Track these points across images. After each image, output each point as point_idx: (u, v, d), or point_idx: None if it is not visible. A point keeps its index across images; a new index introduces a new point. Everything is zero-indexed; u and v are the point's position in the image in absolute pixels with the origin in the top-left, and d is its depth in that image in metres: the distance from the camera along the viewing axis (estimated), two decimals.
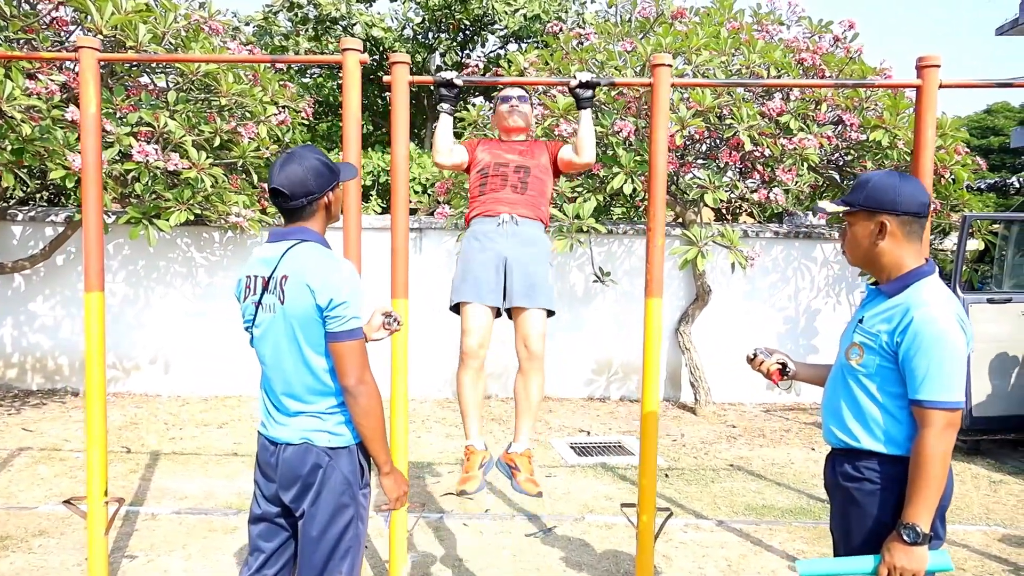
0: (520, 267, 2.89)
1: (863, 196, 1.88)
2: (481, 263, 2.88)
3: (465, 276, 2.91)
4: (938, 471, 1.72)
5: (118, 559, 3.41)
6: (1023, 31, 14.06)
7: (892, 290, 1.87)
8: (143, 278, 7.11)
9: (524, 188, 2.96)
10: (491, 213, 2.94)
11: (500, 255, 2.89)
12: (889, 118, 5.83)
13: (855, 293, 7.52)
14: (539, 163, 3.03)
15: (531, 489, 2.87)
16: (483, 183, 3.00)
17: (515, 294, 2.88)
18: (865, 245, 1.89)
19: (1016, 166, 21.64)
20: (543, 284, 2.93)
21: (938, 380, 1.73)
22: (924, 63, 2.83)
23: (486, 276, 2.87)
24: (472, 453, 2.91)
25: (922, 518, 1.73)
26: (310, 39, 11.80)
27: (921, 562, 1.74)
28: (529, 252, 2.92)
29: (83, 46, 2.90)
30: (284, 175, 1.90)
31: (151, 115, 5.62)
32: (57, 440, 5.43)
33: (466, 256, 2.95)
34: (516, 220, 2.91)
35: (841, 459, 1.93)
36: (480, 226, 2.96)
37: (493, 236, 2.91)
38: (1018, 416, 5.33)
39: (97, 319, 2.95)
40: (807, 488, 4.80)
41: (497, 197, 2.95)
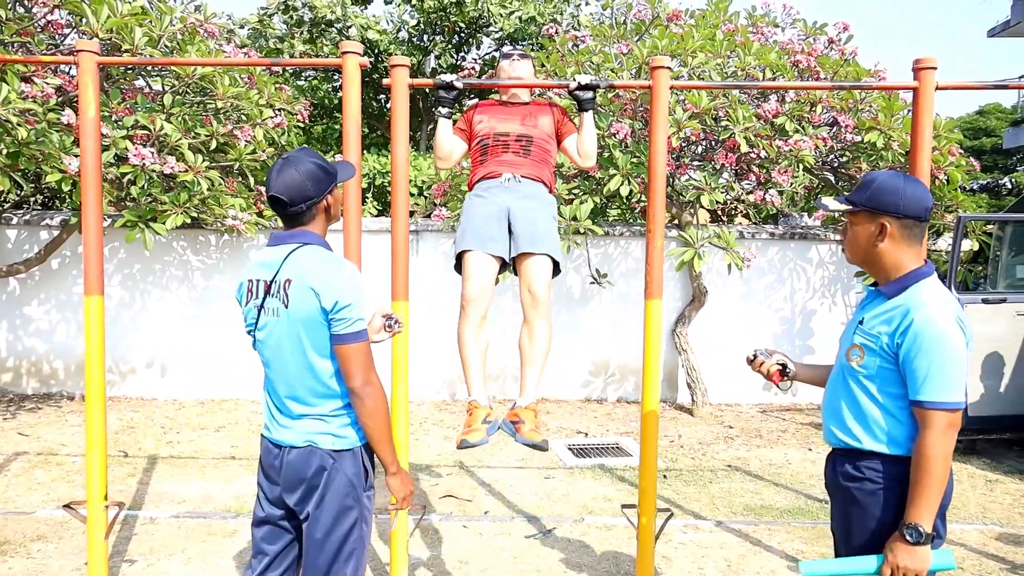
0: (524, 215, 2.86)
1: (866, 196, 1.88)
2: (484, 215, 2.87)
3: (467, 227, 2.89)
4: (940, 471, 1.74)
5: (117, 563, 3.40)
6: (1015, 33, 14.16)
7: (892, 291, 1.87)
8: (139, 281, 7.09)
9: (527, 154, 2.95)
10: (494, 175, 2.93)
11: (503, 206, 2.87)
12: (884, 119, 5.86)
13: (851, 294, 7.56)
14: (541, 132, 2.99)
15: (535, 437, 2.73)
16: (484, 153, 2.99)
17: (519, 240, 2.84)
18: (865, 245, 1.90)
19: (1008, 167, 21.78)
20: (548, 232, 2.89)
21: (939, 381, 1.74)
22: (921, 65, 2.86)
23: (487, 225, 2.84)
24: (475, 408, 2.81)
25: (925, 518, 1.73)
26: (305, 42, 11.79)
27: (924, 561, 1.75)
28: (533, 203, 2.90)
29: (82, 49, 2.89)
30: (281, 182, 1.90)
31: (147, 118, 5.61)
32: (54, 444, 5.40)
33: (468, 211, 2.93)
34: (519, 179, 2.90)
35: (842, 459, 1.94)
36: (482, 185, 2.95)
37: (496, 191, 2.90)
38: (1013, 416, 5.36)
39: (97, 323, 2.94)
40: (805, 488, 4.82)
41: (500, 160, 2.93)
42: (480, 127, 3.03)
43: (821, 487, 4.84)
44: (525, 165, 2.94)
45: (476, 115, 3.06)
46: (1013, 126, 15.70)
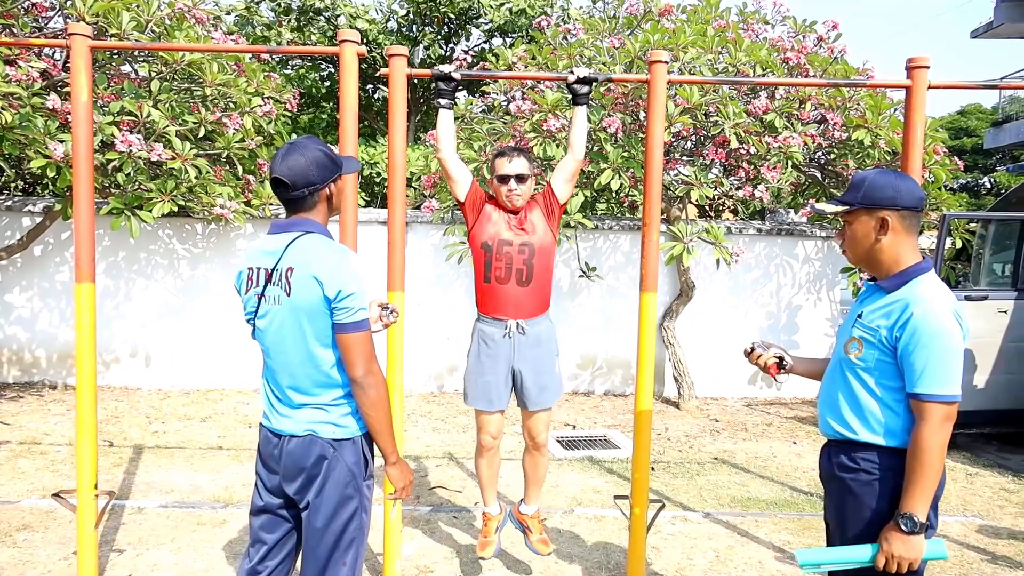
0: (530, 375, 3.04)
1: (861, 195, 1.91)
2: (491, 372, 3.03)
3: (476, 383, 3.06)
4: (935, 462, 1.77)
5: (106, 553, 3.37)
6: (997, 34, 14.35)
7: (891, 286, 1.90)
8: (124, 270, 7.01)
9: (530, 276, 2.97)
10: (499, 316, 3.00)
11: (508, 363, 3.03)
12: (872, 118, 5.92)
13: (835, 290, 7.65)
14: (540, 234, 2.99)
15: (543, 550, 3.20)
16: (487, 265, 2.98)
17: (527, 399, 3.08)
18: (867, 242, 1.92)
19: (987, 167, 22.11)
20: (551, 382, 3.09)
21: (936, 374, 1.77)
22: (914, 64, 2.89)
23: (496, 385, 3.04)
24: (490, 519, 3.24)
25: (919, 508, 1.77)
26: (293, 30, 11.66)
27: (918, 551, 1.78)
28: (536, 354, 3.04)
29: (75, 33, 2.85)
30: (286, 165, 1.88)
31: (134, 104, 5.53)
32: (36, 434, 5.34)
33: (476, 359, 3.07)
34: (522, 328, 2.99)
35: (838, 450, 1.97)
36: (487, 328, 3.04)
37: (501, 345, 3.01)
38: (993, 411, 5.47)
39: (88, 310, 2.91)
40: (790, 481, 4.88)
41: (503, 295, 2.97)
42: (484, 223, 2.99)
43: (806, 480, 4.92)
44: (527, 301, 2.99)
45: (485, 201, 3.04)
46: (994, 127, 15.92)
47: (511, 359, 3.01)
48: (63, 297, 6.94)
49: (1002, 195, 7.02)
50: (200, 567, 3.29)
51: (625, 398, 7.37)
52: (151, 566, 3.29)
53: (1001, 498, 4.62)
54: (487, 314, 3.04)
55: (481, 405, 3.07)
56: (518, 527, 3.29)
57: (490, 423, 3.11)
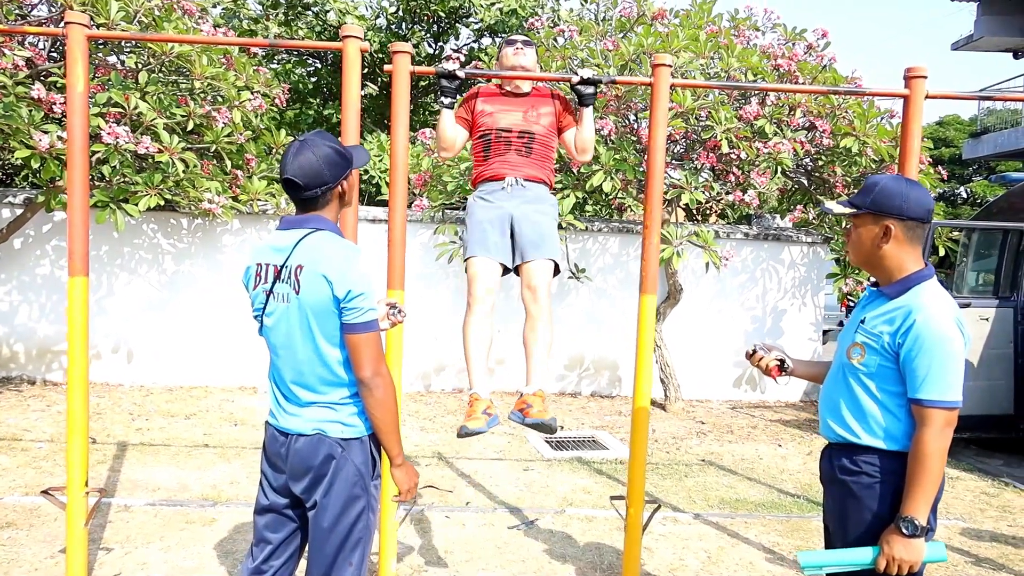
0: (527, 222, 2.94)
1: (870, 199, 1.92)
2: (488, 220, 2.94)
3: (472, 234, 2.96)
4: (936, 467, 1.80)
5: (93, 551, 3.31)
6: (977, 47, 14.62)
7: (894, 292, 1.92)
8: (106, 264, 6.89)
9: (529, 153, 2.99)
10: (496, 177, 2.97)
11: (506, 213, 2.95)
12: (859, 126, 6.01)
13: (820, 295, 7.74)
14: (543, 127, 3.01)
15: (543, 416, 2.78)
16: (486, 149, 3.01)
17: (523, 248, 2.94)
18: (869, 247, 1.94)
19: (964, 177, 22.51)
20: (549, 236, 2.97)
21: (938, 380, 1.79)
22: (912, 74, 2.93)
23: (492, 231, 2.93)
24: (477, 400, 2.84)
25: (920, 511, 1.79)
26: (280, 24, 11.56)
27: (918, 553, 1.81)
28: (535, 208, 2.97)
29: (72, 22, 2.80)
30: (297, 165, 1.86)
31: (121, 96, 5.45)
32: (16, 430, 5.23)
33: (473, 215, 2.99)
34: (522, 183, 2.96)
35: (839, 454, 1.98)
36: (486, 186, 3.00)
37: (499, 196, 2.96)
38: (972, 416, 5.56)
39: (81, 305, 2.87)
40: (776, 483, 4.93)
41: (502, 159, 2.97)
42: (482, 119, 3.02)
43: (792, 482, 4.97)
44: (527, 165, 2.98)
45: (478, 104, 3.04)
46: (972, 138, 16.23)
47: (510, 209, 2.93)
48: (43, 291, 6.81)
49: (982, 205, 7.16)
50: (190, 566, 3.25)
51: (611, 399, 7.40)
52: (140, 565, 3.24)
53: (982, 502, 4.70)
54: (484, 179, 3.00)
55: (476, 251, 2.92)
56: (517, 418, 2.84)
57: (483, 271, 2.90)
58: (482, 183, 3.01)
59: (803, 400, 7.80)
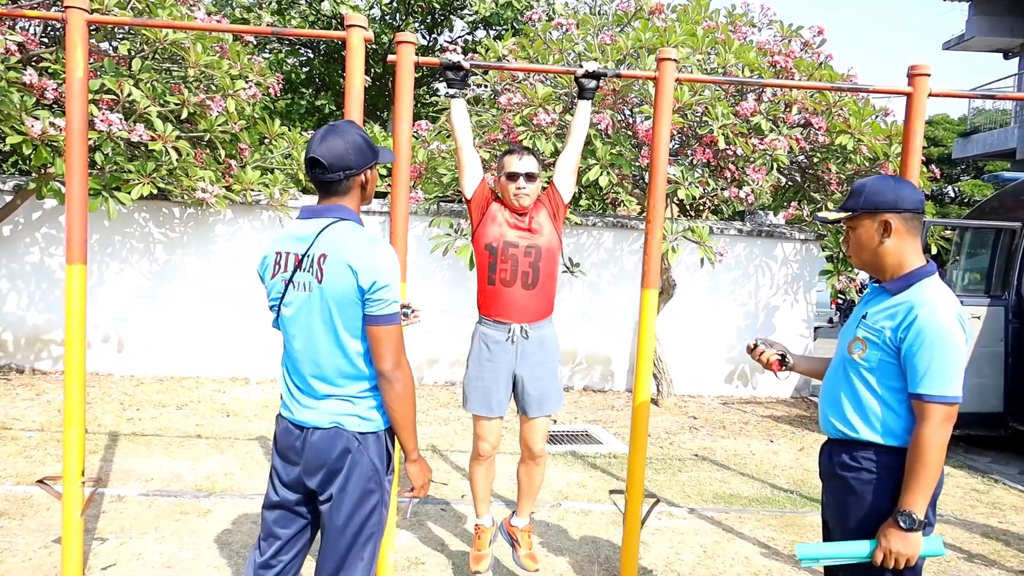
0: (531, 383, 2.97)
1: (862, 200, 1.95)
2: (492, 379, 2.96)
3: (476, 388, 2.99)
4: (935, 461, 1.81)
5: (88, 541, 3.28)
6: (968, 47, 14.72)
7: (896, 288, 1.93)
8: (97, 253, 6.82)
9: (536, 279, 2.93)
10: (502, 320, 2.94)
11: (509, 370, 2.96)
12: (855, 123, 6.03)
13: (812, 292, 7.79)
14: (546, 236, 2.95)
15: (530, 566, 3.13)
16: (491, 265, 2.92)
17: (527, 406, 3.02)
18: (870, 245, 1.96)
19: (952, 176, 22.70)
20: (551, 391, 3.03)
21: (939, 375, 1.80)
22: (916, 72, 2.94)
23: (496, 392, 2.97)
24: (483, 531, 3.17)
25: (918, 506, 1.80)
26: (273, 13, 11.45)
27: (915, 547, 1.82)
28: (538, 360, 2.97)
29: (71, 6, 2.76)
30: (325, 147, 1.84)
31: (115, 83, 5.38)
32: (6, 419, 5.18)
33: (477, 362, 2.99)
34: (526, 333, 2.93)
35: (839, 449, 2.00)
36: (490, 331, 2.97)
37: (504, 348, 2.94)
38: (963, 414, 5.59)
39: (79, 292, 2.83)
40: (769, 478, 4.97)
41: (508, 298, 2.91)
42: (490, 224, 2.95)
43: (785, 477, 5.00)
44: (532, 304, 2.94)
45: (492, 201, 3.00)
46: (962, 137, 16.35)
47: (513, 364, 2.95)
48: (32, 279, 6.74)
49: (970, 204, 7.22)
50: (186, 556, 3.23)
51: (604, 394, 7.41)
52: (135, 555, 3.21)
53: (972, 498, 4.76)
54: (490, 317, 2.97)
55: (481, 411, 2.99)
56: (507, 540, 3.23)
57: (489, 431, 3.03)
58: (486, 320, 2.98)
59: (794, 396, 7.85)
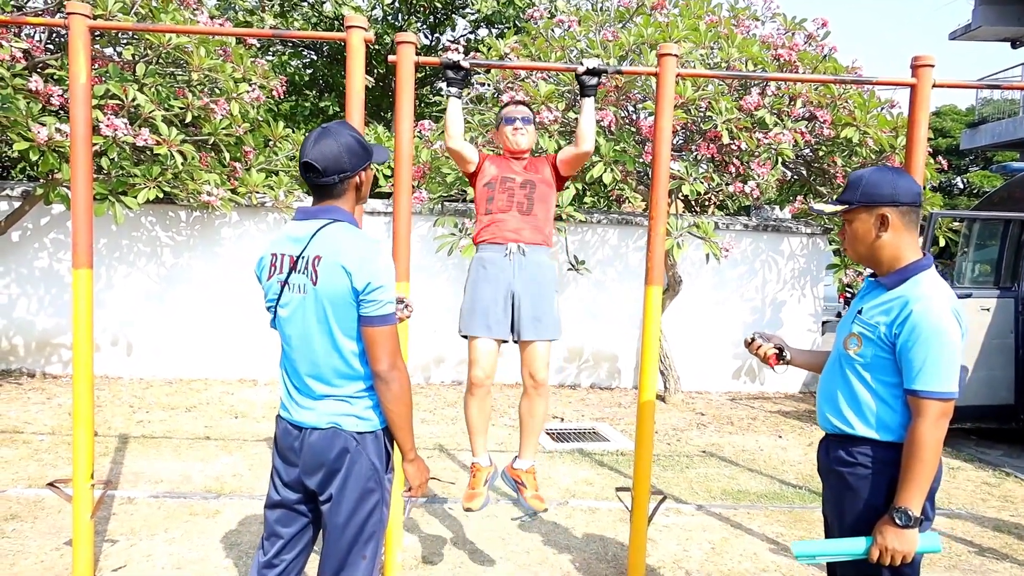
0: (527, 300, 2.97)
1: (859, 193, 1.92)
2: (490, 296, 2.95)
3: (474, 307, 2.98)
4: (931, 458, 1.78)
5: (98, 543, 3.30)
6: (975, 36, 14.61)
7: (891, 283, 1.91)
8: (105, 257, 6.86)
9: (530, 207, 3.00)
10: (498, 240, 2.98)
11: (508, 287, 2.96)
12: (860, 116, 5.99)
13: (819, 286, 7.75)
14: (544, 177, 3.06)
15: (538, 505, 3.01)
16: (490, 198, 3.02)
17: (523, 328, 2.97)
18: (867, 239, 1.93)
19: (960, 168, 22.54)
20: (549, 314, 3.00)
21: (934, 371, 1.79)
22: (919, 63, 2.93)
23: (494, 309, 2.95)
24: (479, 470, 3.06)
25: (914, 502, 1.79)
26: (275, 15, 11.48)
27: (911, 544, 1.80)
28: (536, 283, 2.99)
29: (74, 12, 2.77)
30: (318, 150, 1.84)
31: (119, 88, 5.41)
32: (17, 423, 5.22)
33: (475, 284, 3.01)
34: (523, 250, 2.96)
35: (835, 444, 1.98)
36: (488, 253, 3.01)
37: (501, 265, 2.97)
38: (974, 407, 5.59)
39: (86, 297, 2.85)
40: (778, 474, 4.95)
41: (504, 221, 2.98)
42: (488, 168, 3.08)
43: (794, 473, 4.98)
44: (527, 227, 2.98)
45: (487, 161, 3.11)
46: (970, 128, 16.22)
47: (511, 281, 2.94)
48: (41, 284, 6.79)
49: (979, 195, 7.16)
50: (195, 557, 3.25)
51: (611, 391, 7.41)
52: (145, 556, 3.23)
53: (983, 492, 4.73)
54: (486, 241, 3.01)
55: (478, 331, 2.93)
56: (511, 485, 3.10)
57: (484, 354, 2.95)
58: (483, 245, 3.03)
59: (802, 391, 7.82)
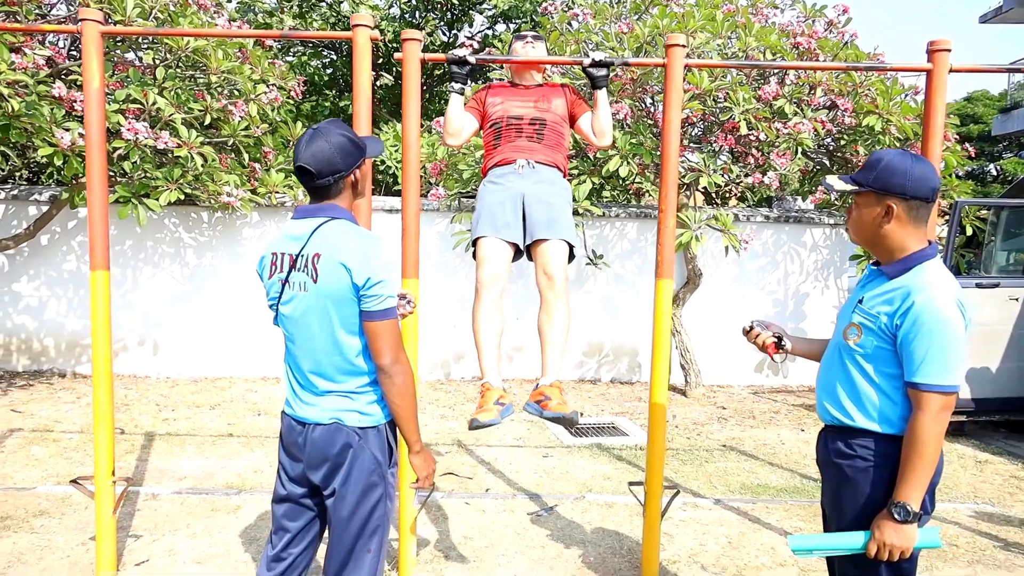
0: (539, 201, 2.81)
1: (873, 176, 1.85)
2: (498, 201, 2.83)
3: (481, 213, 2.86)
4: (931, 452, 1.74)
5: (122, 539, 3.38)
6: (1006, 19, 14.22)
7: (894, 272, 1.86)
8: (131, 258, 7.00)
9: (541, 139, 2.92)
10: (507, 161, 2.89)
11: (518, 192, 2.83)
12: (882, 104, 5.88)
13: (843, 277, 7.63)
14: (554, 114, 2.96)
15: (565, 409, 2.66)
16: (497, 137, 2.95)
17: (534, 227, 2.79)
18: (870, 226, 1.88)
19: (993, 154, 21.98)
20: (563, 216, 2.83)
21: (936, 364, 1.74)
22: (935, 47, 2.86)
23: (502, 211, 2.81)
24: (488, 389, 2.74)
25: (913, 497, 1.75)
26: (294, 16, 11.59)
27: (910, 539, 1.77)
28: (548, 189, 2.86)
29: (86, 19, 2.83)
30: (310, 153, 1.87)
31: (140, 92, 5.50)
32: (48, 421, 5.36)
33: (483, 198, 2.90)
34: (533, 165, 2.88)
35: (834, 436, 1.94)
36: (496, 171, 2.92)
37: (510, 177, 2.86)
38: (1002, 399, 5.46)
39: (103, 298, 2.91)
40: (799, 468, 4.89)
41: (514, 146, 2.90)
42: (493, 109, 2.99)
43: (816, 467, 4.92)
44: (539, 150, 2.91)
45: (489, 96, 3.03)
46: (1002, 113, 15.81)
47: (521, 186, 2.83)
48: (70, 286, 6.94)
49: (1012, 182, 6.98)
50: (216, 552, 3.31)
51: (631, 385, 7.38)
52: (168, 551, 3.30)
53: (1012, 485, 4.62)
54: (496, 164, 2.92)
55: (486, 230, 2.80)
56: (534, 411, 2.71)
57: (492, 253, 2.75)
58: (492, 168, 2.95)
59: None
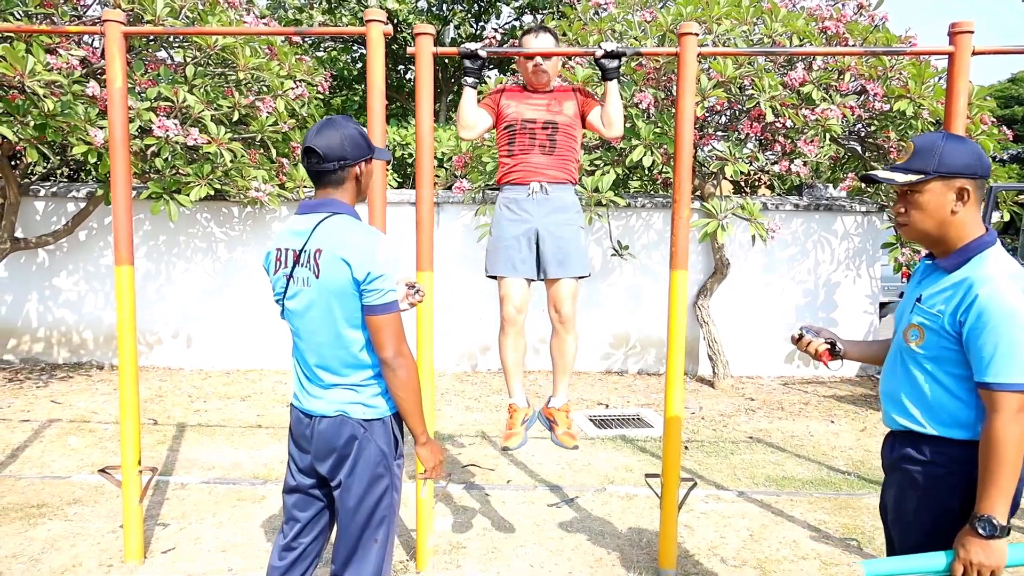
0: (552, 239, 2.98)
1: (936, 162, 1.71)
2: (514, 236, 2.99)
3: (498, 248, 3.02)
4: (1012, 458, 1.59)
5: (151, 527, 3.49)
6: None
7: (951, 265, 1.73)
8: (164, 253, 7.18)
9: (553, 148, 2.99)
10: (521, 181, 3.00)
11: (531, 228, 2.99)
12: (914, 88, 5.72)
13: (875, 266, 7.46)
14: (566, 117, 3.03)
15: (568, 443, 3.08)
16: (511, 142, 3.03)
17: (548, 266, 2.99)
18: (941, 215, 1.72)
19: None
20: (574, 251, 3.01)
21: (1007, 360, 1.60)
22: (957, 29, 2.78)
23: (518, 248, 2.99)
24: (515, 411, 3.12)
25: (998, 509, 1.59)
26: (324, 12, 11.70)
27: (1000, 556, 1.60)
28: (560, 220, 2.99)
29: (108, 20, 2.90)
30: (321, 137, 1.91)
31: (170, 90, 5.63)
32: (85, 412, 5.54)
33: (499, 225, 3.04)
34: (546, 189, 2.98)
35: (903, 441, 1.81)
36: (511, 194, 3.03)
37: (524, 205, 2.99)
38: None
39: (128, 292, 2.99)
40: (827, 460, 4.82)
41: (526, 161, 2.99)
42: (508, 111, 3.05)
43: (844, 459, 4.84)
44: (552, 166, 2.99)
45: (503, 99, 3.09)
46: None
47: (534, 220, 2.96)
48: (107, 280, 7.15)
49: None
50: (240, 541, 3.39)
51: (658, 377, 7.33)
52: (194, 539, 3.40)
53: None
54: (510, 183, 3.03)
55: (504, 271, 2.98)
56: (546, 424, 3.22)
57: (514, 291, 2.98)
58: (507, 185, 3.05)
59: (859, 375, 7.56)
